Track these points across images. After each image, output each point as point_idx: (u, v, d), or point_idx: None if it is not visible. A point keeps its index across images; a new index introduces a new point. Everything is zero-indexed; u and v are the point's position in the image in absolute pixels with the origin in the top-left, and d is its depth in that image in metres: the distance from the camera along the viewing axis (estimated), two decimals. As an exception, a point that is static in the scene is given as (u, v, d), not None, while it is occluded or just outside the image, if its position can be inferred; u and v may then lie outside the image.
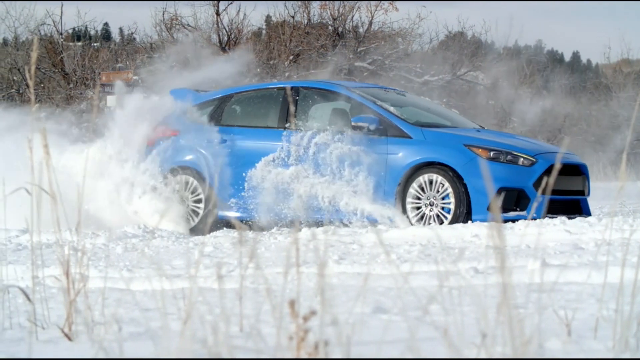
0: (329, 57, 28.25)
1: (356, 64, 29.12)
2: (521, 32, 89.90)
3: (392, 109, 12.11)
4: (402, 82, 27.94)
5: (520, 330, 3.33)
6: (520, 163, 11.41)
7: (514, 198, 11.32)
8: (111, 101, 19.16)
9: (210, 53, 24.07)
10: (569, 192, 11.88)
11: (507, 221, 10.95)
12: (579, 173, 12.02)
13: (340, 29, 30.40)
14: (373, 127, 11.84)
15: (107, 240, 10.48)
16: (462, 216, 11.26)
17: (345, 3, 30.47)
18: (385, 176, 11.66)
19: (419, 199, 11.51)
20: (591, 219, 10.63)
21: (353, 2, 30.48)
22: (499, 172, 11.30)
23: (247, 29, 30.42)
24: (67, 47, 29.76)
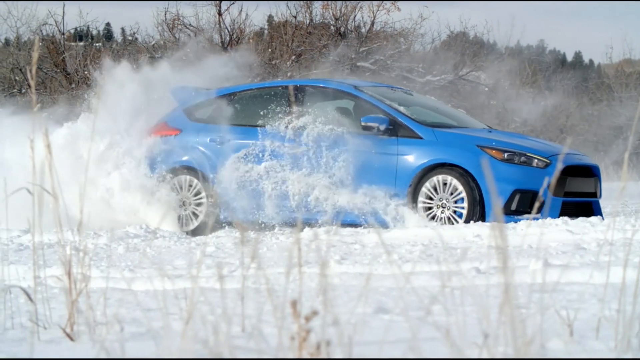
0: (331, 57, 28.23)
1: (358, 64, 29.09)
2: (523, 32, 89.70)
3: (401, 108, 11.95)
4: (404, 82, 27.90)
5: (522, 331, 3.33)
6: (535, 165, 11.25)
7: (528, 200, 11.20)
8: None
9: (212, 53, 24.06)
10: (582, 194, 11.72)
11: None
12: (591, 175, 11.86)
13: (343, 29, 30.39)
14: (383, 127, 11.72)
15: (109, 241, 10.48)
16: (476, 217, 11.11)
17: (348, 3, 30.45)
18: (395, 177, 11.49)
19: (431, 199, 11.34)
20: (593, 219, 10.61)
21: (355, 2, 30.46)
22: (514, 173, 11.15)
23: (249, 29, 30.40)
24: (69, 47, 29.74)
